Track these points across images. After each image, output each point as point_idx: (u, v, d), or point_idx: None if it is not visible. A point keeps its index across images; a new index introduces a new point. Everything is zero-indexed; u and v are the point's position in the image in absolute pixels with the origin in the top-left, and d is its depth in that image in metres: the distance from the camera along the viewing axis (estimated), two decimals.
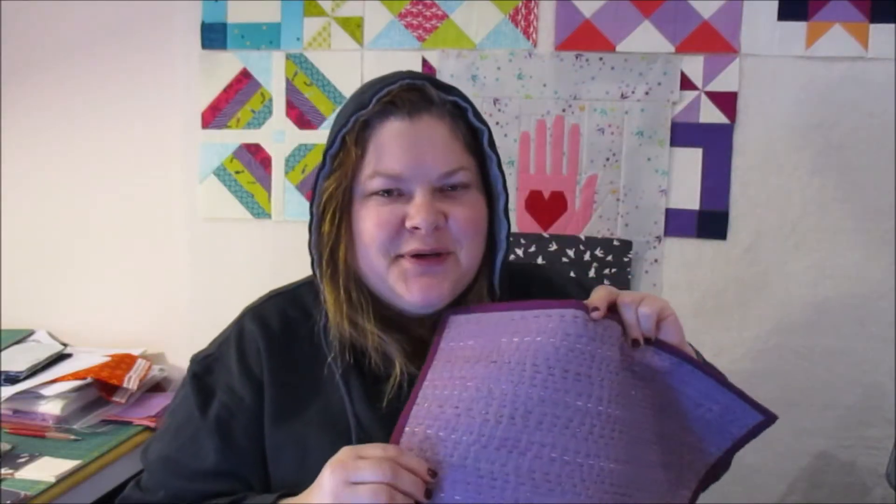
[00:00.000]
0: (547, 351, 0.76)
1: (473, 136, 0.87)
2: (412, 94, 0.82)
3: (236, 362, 0.87)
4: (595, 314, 0.76)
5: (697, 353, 0.88)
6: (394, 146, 0.81)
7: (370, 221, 0.82)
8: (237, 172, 1.70)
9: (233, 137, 1.69)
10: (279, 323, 0.88)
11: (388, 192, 0.82)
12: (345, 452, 0.72)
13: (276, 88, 1.67)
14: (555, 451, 0.73)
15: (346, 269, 0.85)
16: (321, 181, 0.84)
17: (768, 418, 0.82)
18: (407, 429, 0.76)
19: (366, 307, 0.85)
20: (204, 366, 0.89)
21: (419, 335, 0.86)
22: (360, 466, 0.69)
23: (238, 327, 0.90)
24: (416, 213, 0.80)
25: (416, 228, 0.80)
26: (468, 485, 0.72)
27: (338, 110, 0.90)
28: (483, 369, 0.76)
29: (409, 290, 0.82)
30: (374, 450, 0.71)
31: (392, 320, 0.86)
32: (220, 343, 0.91)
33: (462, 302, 0.87)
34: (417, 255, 0.82)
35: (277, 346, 0.87)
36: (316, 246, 0.86)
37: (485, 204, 0.86)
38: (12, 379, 1.51)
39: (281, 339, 0.87)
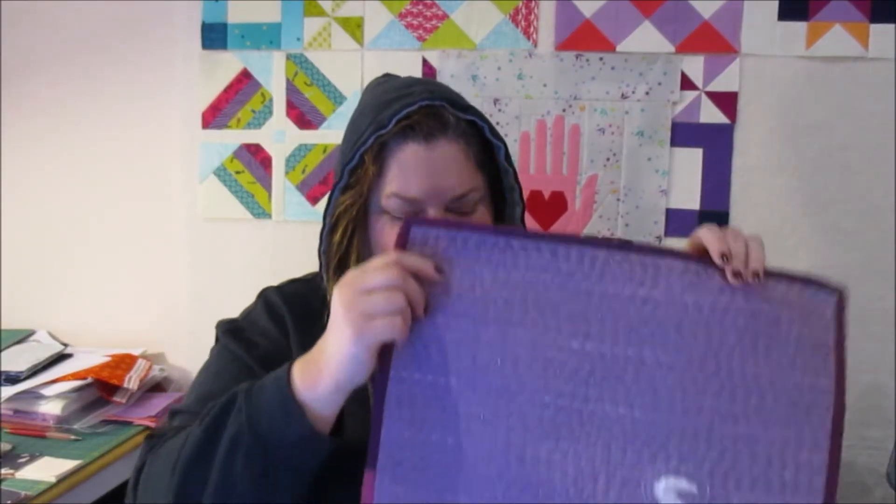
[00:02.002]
0: (536, 290, 0.71)
1: (485, 150, 0.90)
2: (430, 117, 0.84)
3: (268, 320, 0.92)
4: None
5: None
6: (411, 170, 0.84)
7: (386, 238, 0.85)
8: (237, 172, 1.70)
9: (233, 137, 1.69)
10: (299, 301, 0.94)
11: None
12: (348, 274, 0.71)
13: (276, 88, 1.67)
14: (548, 395, 0.70)
15: None
16: (337, 193, 0.87)
17: (838, 295, 0.71)
18: (393, 373, 0.73)
19: None
20: (235, 325, 0.94)
21: None
22: (368, 275, 0.69)
23: (263, 299, 0.96)
24: None
25: None
26: (459, 427, 0.71)
27: (337, 116, 0.93)
28: (463, 306, 0.72)
29: None
30: (375, 261, 0.71)
31: None
32: (247, 313, 0.96)
33: None
34: None
35: (298, 319, 0.91)
36: (325, 252, 0.89)
37: (491, 216, 0.91)
38: (12, 379, 1.51)
39: (301, 315, 0.92)
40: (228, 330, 0.93)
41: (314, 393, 0.71)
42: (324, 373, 0.70)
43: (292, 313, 0.93)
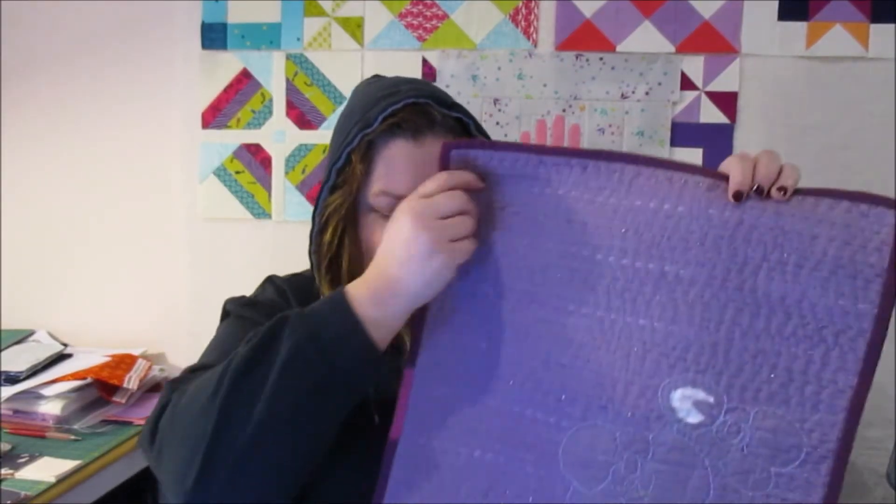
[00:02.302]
0: (567, 204, 0.75)
1: None
2: (416, 114, 0.85)
3: (279, 299, 0.93)
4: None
5: None
6: (399, 167, 0.84)
7: (376, 236, 0.85)
8: (237, 172, 1.70)
9: (233, 137, 1.69)
10: (301, 292, 0.93)
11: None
12: (412, 201, 0.75)
13: (276, 88, 1.67)
14: (572, 304, 0.74)
15: (350, 277, 0.86)
16: (325, 193, 0.87)
17: None
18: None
19: None
20: (250, 300, 0.94)
21: None
22: (440, 201, 0.74)
23: (271, 283, 0.98)
24: None
25: None
26: (492, 333, 0.77)
27: (338, 116, 0.92)
28: (500, 220, 0.78)
29: None
30: (432, 185, 0.75)
31: None
32: (257, 295, 0.96)
33: None
34: None
35: (302, 307, 0.90)
36: (315, 252, 0.89)
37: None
38: (12, 379, 1.51)
39: (304, 303, 0.90)
40: (245, 304, 0.93)
41: (384, 310, 0.73)
42: (401, 294, 0.73)
43: (297, 299, 0.93)
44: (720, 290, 0.70)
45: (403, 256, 0.73)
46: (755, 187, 0.70)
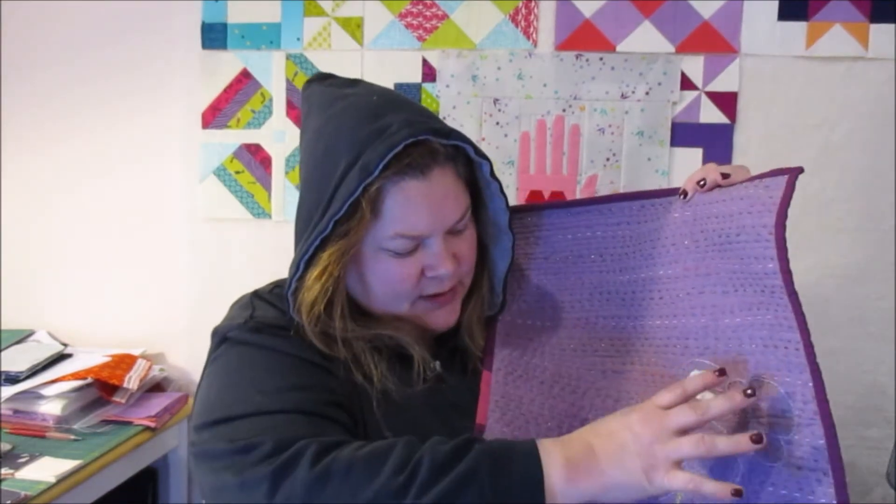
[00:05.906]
0: (595, 242, 0.91)
1: (468, 167, 0.88)
2: (418, 149, 0.80)
3: (277, 313, 0.88)
4: None
5: None
6: (414, 207, 0.81)
7: (391, 275, 0.84)
8: (237, 172, 1.70)
9: (233, 137, 1.69)
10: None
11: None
12: (647, 411, 0.70)
13: (276, 88, 1.67)
14: (612, 320, 0.87)
15: (343, 324, 0.84)
16: (316, 238, 0.81)
17: (790, 174, 0.77)
18: (508, 317, 0.92)
19: (365, 346, 0.86)
20: (252, 325, 0.86)
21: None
22: (675, 420, 0.68)
23: (259, 299, 0.91)
24: (439, 263, 0.83)
25: (438, 275, 0.84)
26: (553, 354, 0.89)
27: (311, 145, 0.86)
28: (551, 266, 0.93)
29: (430, 321, 0.88)
30: (669, 396, 0.70)
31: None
32: (251, 315, 0.89)
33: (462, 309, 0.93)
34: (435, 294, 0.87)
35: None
36: (294, 293, 0.84)
37: (475, 226, 0.90)
38: (12, 379, 1.51)
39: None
40: (252, 329, 0.86)
41: (574, 490, 0.69)
42: (597, 491, 0.69)
43: (287, 316, 0.88)
44: (696, 279, 0.81)
45: (631, 465, 0.68)
46: (699, 182, 0.84)
